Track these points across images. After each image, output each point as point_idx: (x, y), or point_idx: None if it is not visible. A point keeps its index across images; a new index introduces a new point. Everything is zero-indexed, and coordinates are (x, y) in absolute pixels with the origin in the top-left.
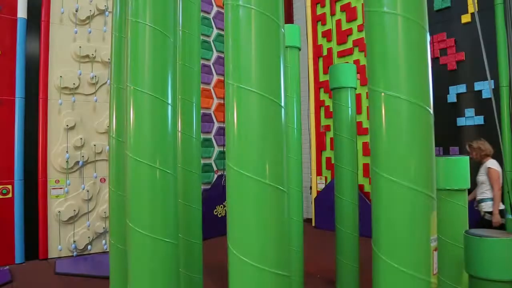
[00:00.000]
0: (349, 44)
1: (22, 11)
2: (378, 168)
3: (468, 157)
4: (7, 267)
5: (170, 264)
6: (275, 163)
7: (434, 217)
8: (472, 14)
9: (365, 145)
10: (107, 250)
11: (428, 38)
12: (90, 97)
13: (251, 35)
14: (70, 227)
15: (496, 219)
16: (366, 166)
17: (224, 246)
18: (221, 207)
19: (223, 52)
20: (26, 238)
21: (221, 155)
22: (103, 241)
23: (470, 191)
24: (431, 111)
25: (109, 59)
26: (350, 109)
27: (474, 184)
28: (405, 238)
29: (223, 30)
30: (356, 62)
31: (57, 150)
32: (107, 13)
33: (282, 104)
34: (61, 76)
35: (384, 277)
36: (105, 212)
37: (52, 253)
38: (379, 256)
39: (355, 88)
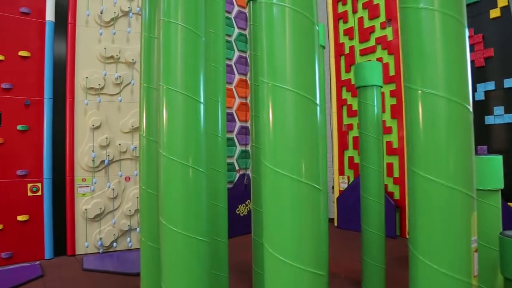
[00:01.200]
0: (372, 42)
1: (50, 15)
2: (415, 167)
3: (501, 156)
4: (38, 262)
5: (203, 262)
6: (311, 161)
7: (475, 217)
8: (502, 8)
9: (388, 144)
10: (132, 247)
11: (467, 33)
12: (115, 97)
13: (286, 33)
14: (96, 225)
15: None
16: (389, 166)
17: (246, 245)
18: (243, 206)
19: (244, 52)
20: (54, 234)
21: (243, 154)
22: (128, 239)
23: (503, 191)
24: (471, 108)
25: (133, 59)
26: (376, 107)
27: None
28: (445, 239)
29: (244, 29)
30: (379, 60)
31: (84, 149)
32: (131, 14)
33: (318, 102)
34: (87, 77)
35: (423, 279)
36: (129, 210)
37: (79, 249)
38: (417, 257)
39: (381, 87)
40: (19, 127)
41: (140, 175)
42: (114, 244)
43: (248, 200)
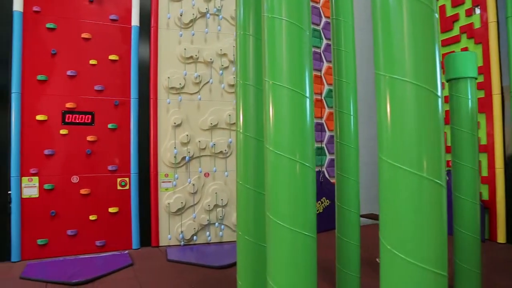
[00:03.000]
0: (455, 31)
1: (135, 19)
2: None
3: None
4: (126, 251)
5: (309, 257)
6: (433, 155)
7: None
8: None
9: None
10: (211, 241)
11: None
12: (194, 96)
13: (404, 23)
14: (178, 218)
15: None
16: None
17: (323, 242)
18: (319, 203)
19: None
20: (140, 226)
21: (318, 151)
22: (207, 233)
23: None
24: (439, 93)
25: (211, 59)
26: (470, 101)
27: None
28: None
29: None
30: (464, 50)
31: (166, 146)
32: (208, 15)
33: (439, 93)
34: (168, 77)
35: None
36: (209, 205)
37: (163, 241)
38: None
39: (476, 78)
40: (109, 126)
41: (237, 170)
42: (195, 237)
43: (324, 198)
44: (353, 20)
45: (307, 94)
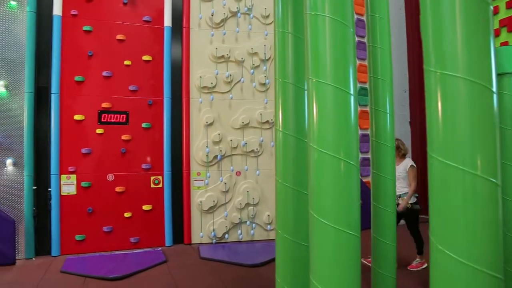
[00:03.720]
0: (495, 25)
1: (167, 20)
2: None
3: None
4: (160, 248)
5: (353, 256)
6: (488, 153)
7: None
8: None
9: None
10: (242, 240)
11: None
12: (226, 95)
13: (456, 15)
14: (209, 216)
15: (403, 206)
16: None
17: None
18: None
19: (362, 37)
20: (173, 224)
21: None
22: (239, 231)
23: None
24: (493, 89)
25: (242, 58)
26: None
27: None
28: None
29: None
30: (504, 44)
31: (198, 145)
32: (239, 14)
33: (494, 89)
34: (200, 77)
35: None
36: (240, 203)
37: (195, 239)
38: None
39: None
40: (143, 125)
41: (276, 168)
42: (226, 235)
43: None
44: (388, 17)
45: (352, 92)
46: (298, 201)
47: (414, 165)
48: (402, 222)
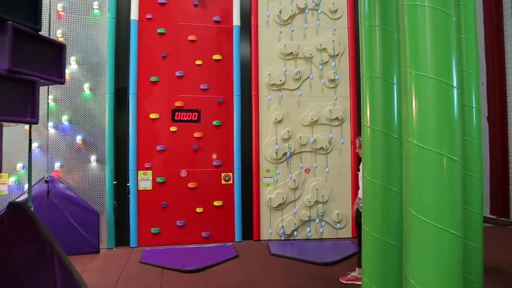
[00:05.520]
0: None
1: (236, 19)
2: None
3: None
4: (230, 243)
5: (456, 257)
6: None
7: None
8: None
9: None
10: (311, 237)
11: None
12: (295, 92)
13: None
14: (278, 213)
15: (354, 209)
16: None
17: None
18: None
19: None
20: (243, 220)
21: None
22: (308, 229)
23: None
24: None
25: (310, 54)
26: None
27: None
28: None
29: None
30: None
31: (268, 142)
32: (307, 10)
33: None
34: (269, 74)
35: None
36: (309, 201)
37: (264, 235)
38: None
39: None
40: (214, 123)
41: (364, 165)
42: (295, 233)
43: None
44: (475, 4)
45: (454, 84)
46: (386, 199)
47: None
48: None
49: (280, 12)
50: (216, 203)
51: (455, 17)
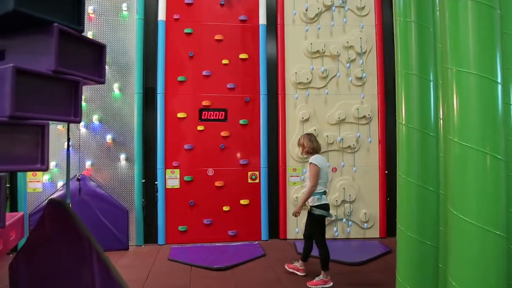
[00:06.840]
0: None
1: (262, 18)
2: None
3: None
4: (257, 242)
5: (500, 259)
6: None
7: None
8: None
9: None
10: (338, 237)
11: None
12: (322, 90)
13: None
14: (305, 212)
15: (298, 209)
16: None
17: None
18: None
19: None
20: (269, 219)
21: None
22: (334, 228)
23: None
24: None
25: (337, 52)
26: None
27: None
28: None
29: None
30: None
31: (294, 140)
32: (333, 8)
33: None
34: (296, 73)
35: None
36: (336, 200)
37: (290, 234)
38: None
39: None
40: (241, 122)
41: (398, 163)
42: None
43: None
44: None
45: (499, 80)
46: (422, 198)
47: (316, 162)
48: None
49: (306, 10)
50: (242, 201)
51: (499, 10)
